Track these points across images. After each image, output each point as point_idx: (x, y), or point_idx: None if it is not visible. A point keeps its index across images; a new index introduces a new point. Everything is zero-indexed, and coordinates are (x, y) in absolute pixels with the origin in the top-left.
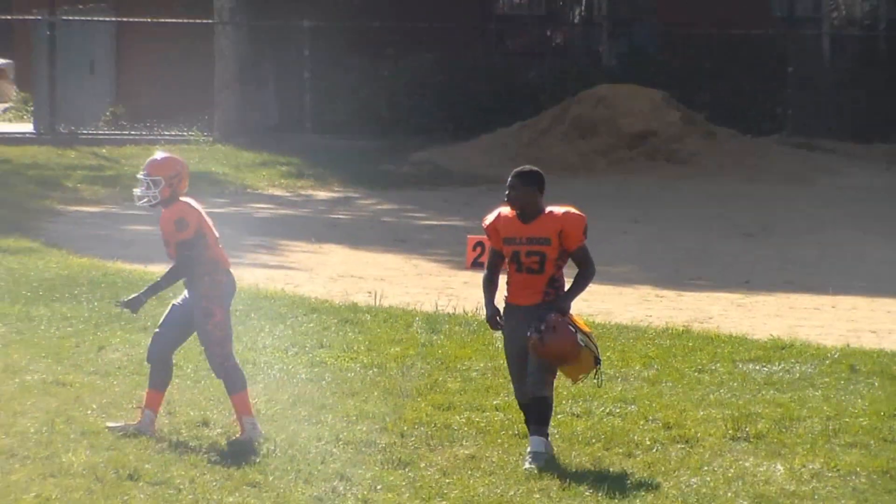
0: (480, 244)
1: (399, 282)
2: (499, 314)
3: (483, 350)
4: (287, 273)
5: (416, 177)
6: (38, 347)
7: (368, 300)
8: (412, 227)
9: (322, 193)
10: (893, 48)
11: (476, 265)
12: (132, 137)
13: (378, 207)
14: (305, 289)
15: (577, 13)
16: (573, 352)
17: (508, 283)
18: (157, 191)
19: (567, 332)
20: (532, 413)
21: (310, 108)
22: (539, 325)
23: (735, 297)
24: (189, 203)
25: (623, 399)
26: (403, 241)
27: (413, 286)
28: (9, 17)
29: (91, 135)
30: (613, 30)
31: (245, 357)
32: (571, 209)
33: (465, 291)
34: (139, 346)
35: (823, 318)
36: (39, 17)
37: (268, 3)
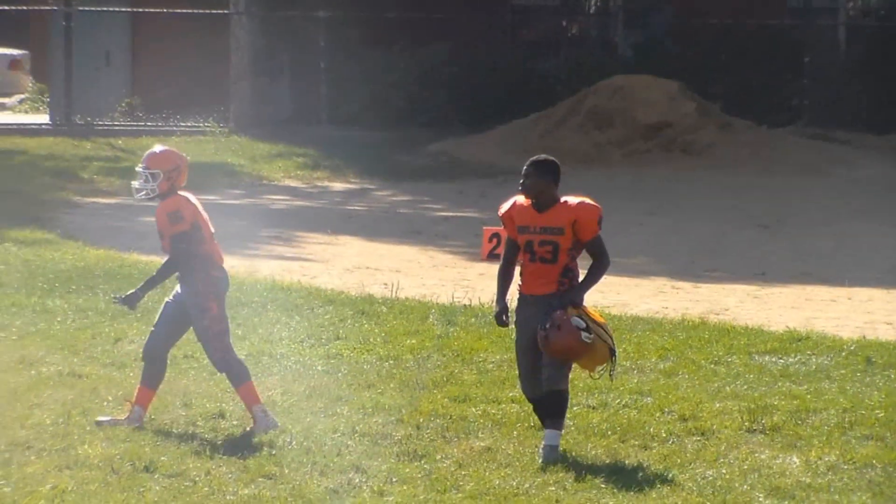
0: (496, 235)
1: (415, 273)
2: (507, 312)
3: (499, 342)
4: (303, 264)
5: (432, 168)
6: (54, 339)
7: (384, 292)
8: (428, 219)
9: (338, 185)
10: None
11: (492, 257)
12: (148, 129)
13: (394, 199)
14: (321, 280)
15: (593, 3)
16: (577, 349)
17: (522, 273)
18: (156, 184)
19: (570, 330)
20: (548, 407)
21: (325, 100)
22: (545, 323)
23: (751, 289)
24: (186, 196)
25: (639, 391)
26: (419, 233)
27: (429, 278)
28: (25, 8)
29: (107, 126)
30: (628, 20)
31: (261, 349)
32: (586, 199)
33: (481, 283)
34: None
35: (839, 310)
36: (55, 8)
37: None
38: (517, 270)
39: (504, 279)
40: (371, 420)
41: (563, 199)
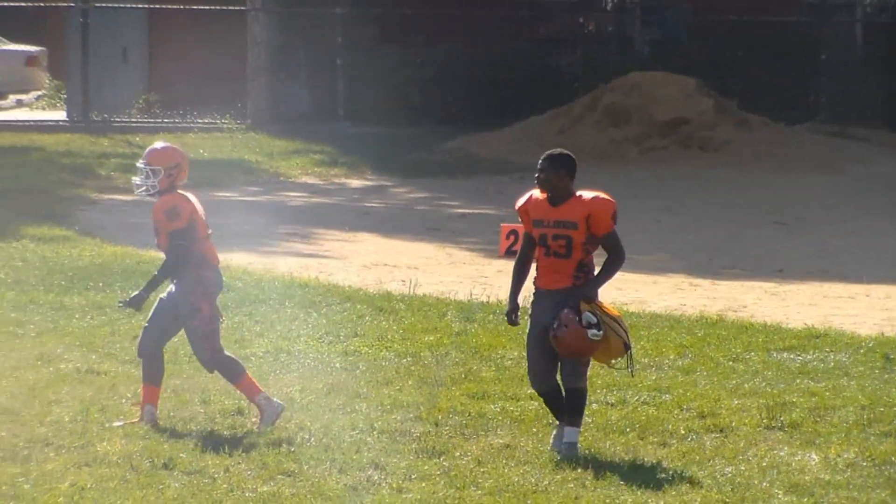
0: (514, 232)
1: (432, 270)
2: (517, 312)
3: (517, 339)
4: (320, 261)
5: (449, 165)
6: (73, 336)
7: (402, 289)
8: (445, 216)
9: (355, 181)
10: None
11: (510, 253)
12: (165, 125)
13: (411, 195)
14: (339, 277)
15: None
16: (585, 348)
17: (537, 268)
18: (156, 180)
19: (577, 329)
20: (566, 404)
21: (342, 96)
22: (553, 322)
23: (769, 286)
24: (184, 194)
25: (657, 388)
26: (436, 230)
27: (446, 275)
28: (42, 5)
29: (124, 122)
30: (645, 17)
31: (279, 346)
32: (601, 194)
33: (499, 280)
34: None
35: (857, 307)
36: (72, 5)
37: None
38: (533, 265)
39: (518, 276)
40: (390, 417)
41: (579, 194)
